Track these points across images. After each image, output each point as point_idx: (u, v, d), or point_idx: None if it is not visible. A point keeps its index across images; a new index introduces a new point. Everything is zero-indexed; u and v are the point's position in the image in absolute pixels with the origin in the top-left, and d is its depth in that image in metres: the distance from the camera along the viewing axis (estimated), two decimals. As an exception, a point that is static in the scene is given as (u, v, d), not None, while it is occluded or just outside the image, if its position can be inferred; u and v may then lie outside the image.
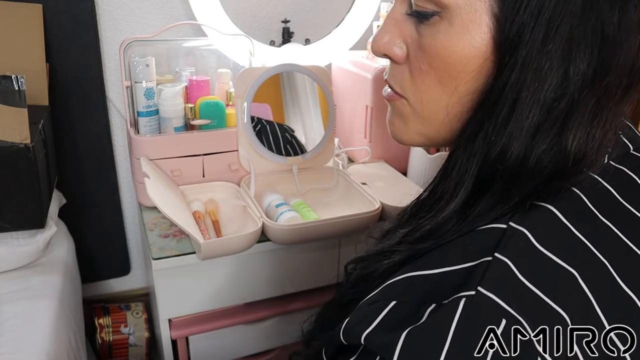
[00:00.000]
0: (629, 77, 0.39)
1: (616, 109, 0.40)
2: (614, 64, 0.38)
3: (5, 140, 0.84)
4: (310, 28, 1.28)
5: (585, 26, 0.37)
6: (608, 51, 0.37)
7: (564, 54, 0.37)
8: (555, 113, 0.38)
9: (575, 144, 0.39)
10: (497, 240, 0.37)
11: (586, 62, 0.37)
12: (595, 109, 0.39)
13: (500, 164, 0.40)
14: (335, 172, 1.12)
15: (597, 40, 0.37)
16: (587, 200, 0.40)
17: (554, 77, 0.38)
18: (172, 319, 0.97)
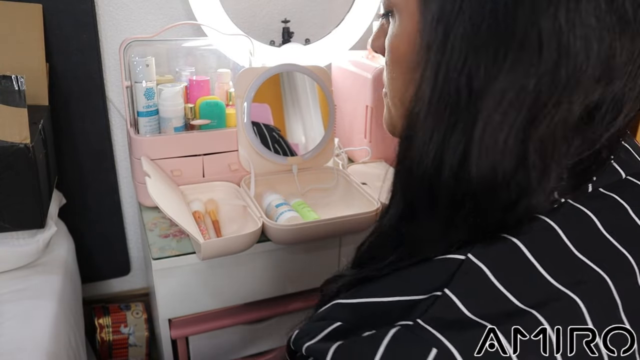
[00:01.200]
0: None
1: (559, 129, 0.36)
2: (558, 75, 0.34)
3: (5, 140, 0.84)
4: (310, 28, 1.28)
5: (507, 30, 0.34)
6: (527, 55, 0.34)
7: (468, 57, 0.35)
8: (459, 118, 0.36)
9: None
10: (451, 274, 0.35)
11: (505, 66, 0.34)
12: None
13: (434, 179, 0.38)
14: (335, 172, 1.12)
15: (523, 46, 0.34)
16: (561, 232, 0.37)
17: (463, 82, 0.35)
18: (172, 319, 0.97)
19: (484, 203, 0.37)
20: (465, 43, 0.35)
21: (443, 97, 0.37)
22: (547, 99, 0.34)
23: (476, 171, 0.36)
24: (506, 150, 0.35)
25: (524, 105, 0.35)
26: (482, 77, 0.35)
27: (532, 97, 0.34)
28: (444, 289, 0.35)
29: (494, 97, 0.35)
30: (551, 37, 0.33)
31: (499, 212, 0.37)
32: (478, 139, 0.35)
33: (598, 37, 0.33)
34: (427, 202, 0.40)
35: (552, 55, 0.34)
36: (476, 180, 0.36)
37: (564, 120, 0.35)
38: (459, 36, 0.35)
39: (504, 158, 0.36)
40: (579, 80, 0.34)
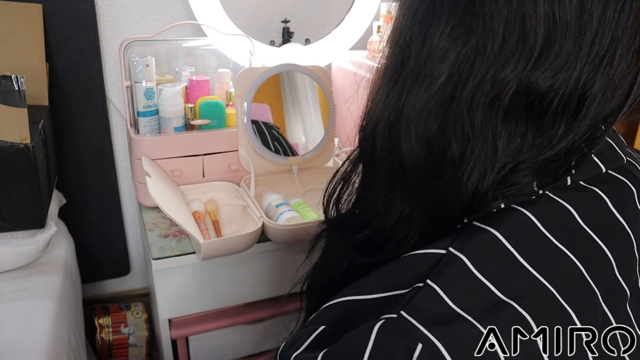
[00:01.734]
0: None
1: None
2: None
3: (5, 140, 0.84)
4: (310, 28, 1.28)
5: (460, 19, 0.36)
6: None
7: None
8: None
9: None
10: (432, 266, 0.36)
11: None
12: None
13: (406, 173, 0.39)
14: (335, 172, 1.12)
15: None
16: (537, 222, 0.38)
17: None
18: (172, 319, 0.97)
19: (413, 174, 0.39)
20: (409, 20, 0.38)
21: (390, 56, 0.41)
22: (470, 70, 0.35)
23: (404, 140, 0.38)
24: (429, 120, 0.37)
25: (450, 78, 0.36)
26: (418, 46, 0.37)
27: (457, 68, 0.36)
28: (425, 280, 0.35)
29: (427, 60, 0.37)
30: (480, 15, 0.34)
31: (430, 189, 0.38)
32: (406, 106, 0.38)
33: (534, 24, 0.34)
34: (369, 163, 0.43)
35: (480, 32, 0.35)
36: (404, 148, 0.38)
37: (488, 97, 0.36)
38: (402, 14, 0.39)
39: (427, 128, 0.37)
40: (507, 59, 0.34)
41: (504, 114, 0.36)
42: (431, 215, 0.40)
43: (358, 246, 0.44)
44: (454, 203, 0.38)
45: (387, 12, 1.21)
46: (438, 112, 0.37)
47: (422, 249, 0.38)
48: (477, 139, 0.36)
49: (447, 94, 0.36)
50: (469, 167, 0.37)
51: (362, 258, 0.43)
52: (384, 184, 0.41)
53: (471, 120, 0.36)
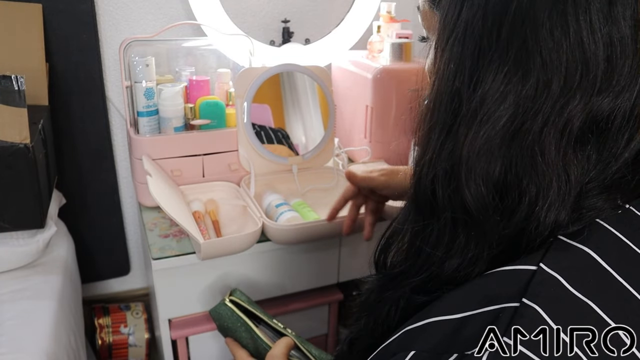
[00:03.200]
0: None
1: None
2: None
3: (5, 140, 0.84)
4: (310, 28, 1.28)
5: (516, 47, 0.36)
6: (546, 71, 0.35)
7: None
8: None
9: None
10: (524, 285, 0.34)
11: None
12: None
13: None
14: (335, 172, 1.12)
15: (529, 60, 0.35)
16: (627, 240, 0.37)
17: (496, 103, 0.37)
18: (172, 319, 0.97)
19: (479, 215, 0.38)
20: (457, 61, 0.38)
21: (436, 106, 0.40)
22: (537, 107, 0.35)
23: (465, 184, 0.37)
24: (492, 161, 0.36)
25: (515, 117, 0.36)
26: (472, 91, 0.37)
27: (523, 106, 0.35)
28: (521, 299, 0.34)
29: (482, 110, 0.36)
30: (540, 52, 0.34)
31: (500, 225, 0.37)
32: (466, 151, 0.37)
33: (590, 50, 0.34)
34: (429, 204, 0.41)
35: (543, 68, 0.34)
36: (466, 191, 0.37)
37: (559, 130, 0.35)
38: (451, 55, 0.38)
39: (490, 170, 0.37)
40: (571, 87, 0.34)
41: (574, 143, 0.36)
42: (500, 253, 0.38)
43: (411, 290, 0.43)
44: (532, 239, 0.37)
45: (387, 12, 1.21)
46: (501, 152, 0.36)
47: (507, 266, 0.36)
48: (552, 172, 0.36)
49: (509, 133, 0.36)
50: (547, 202, 0.36)
51: (417, 297, 0.42)
52: (445, 233, 0.40)
53: (543, 155, 0.36)
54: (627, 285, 0.35)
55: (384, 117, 1.14)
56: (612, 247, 0.36)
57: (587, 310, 0.33)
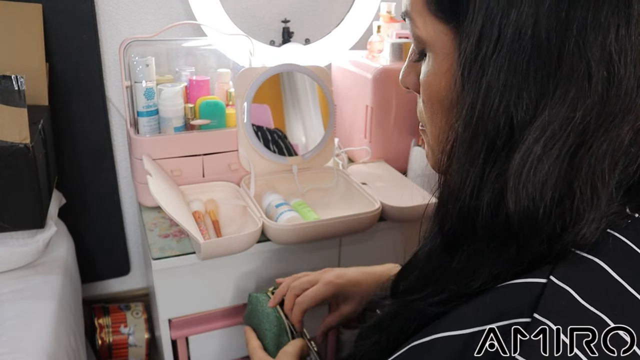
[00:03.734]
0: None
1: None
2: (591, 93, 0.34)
3: (5, 140, 0.84)
4: (310, 28, 1.28)
5: (551, 56, 0.34)
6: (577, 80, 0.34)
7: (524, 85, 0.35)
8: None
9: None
10: (535, 298, 0.34)
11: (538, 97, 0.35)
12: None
13: (494, 215, 0.37)
14: (335, 172, 1.12)
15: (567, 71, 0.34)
16: (635, 246, 0.36)
17: (520, 113, 0.35)
18: (172, 319, 0.97)
19: (525, 237, 0.36)
20: (503, 81, 0.35)
21: (478, 135, 0.37)
22: (595, 128, 0.34)
23: (514, 206, 0.35)
24: (547, 183, 0.35)
25: (569, 137, 0.34)
26: (524, 113, 0.35)
27: (578, 128, 0.34)
28: (532, 315, 0.33)
29: (534, 132, 0.35)
30: (600, 66, 0.33)
31: (542, 244, 0.36)
32: (516, 174, 0.35)
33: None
34: (467, 237, 0.40)
35: (603, 84, 0.33)
36: (515, 215, 0.36)
37: (613, 147, 0.35)
38: (495, 75, 0.35)
39: (544, 192, 0.35)
40: (630, 107, 0.34)
41: (617, 160, 0.35)
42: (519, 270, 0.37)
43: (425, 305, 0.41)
44: (546, 252, 0.36)
45: (387, 12, 1.21)
46: (557, 172, 0.35)
47: (516, 280, 0.35)
48: (604, 193, 0.35)
49: (569, 155, 0.35)
50: (588, 220, 0.35)
51: (431, 308, 0.40)
52: (474, 261, 0.39)
53: (602, 176, 0.35)
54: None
55: (384, 117, 1.14)
56: (624, 257, 0.36)
57: (601, 323, 0.33)
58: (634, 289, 0.34)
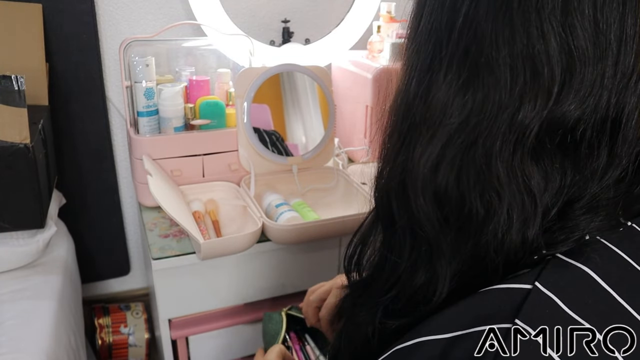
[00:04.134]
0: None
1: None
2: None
3: (5, 140, 0.84)
4: (310, 28, 1.28)
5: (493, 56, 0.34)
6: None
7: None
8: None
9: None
10: (517, 305, 0.33)
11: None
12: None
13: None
14: (335, 172, 1.12)
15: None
16: (628, 258, 0.35)
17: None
18: (172, 319, 0.97)
19: (426, 226, 0.37)
20: (413, 62, 0.37)
21: (394, 114, 0.40)
22: (487, 117, 0.34)
23: (412, 187, 0.37)
24: (442, 167, 0.35)
25: (462, 129, 0.34)
26: (424, 94, 0.36)
27: (465, 116, 0.34)
28: (514, 320, 0.32)
29: (432, 113, 0.36)
30: (492, 57, 0.33)
31: (454, 239, 0.36)
32: (417, 155, 0.36)
33: (545, 58, 0.32)
34: (387, 214, 0.41)
35: (492, 76, 0.33)
36: (414, 199, 0.37)
37: (514, 141, 0.34)
38: (411, 57, 0.38)
39: (438, 178, 0.36)
40: (524, 99, 0.33)
41: (531, 155, 0.34)
42: (468, 272, 0.37)
43: (384, 310, 0.41)
44: (495, 259, 0.36)
45: (387, 12, 1.21)
46: (451, 166, 0.35)
47: (501, 284, 0.35)
48: (504, 188, 0.34)
49: (460, 145, 0.35)
50: (502, 220, 0.34)
51: (390, 321, 0.40)
52: (406, 243, 0.40)
53: (493, 170, 0.34)
54: (628, 307, 0.34)
55: (384, 117, 1.14)
56: (613, 266, 0.35)
57: (588, 333, 0.32)
58: (621, 297, 0.34)
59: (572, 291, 0.34)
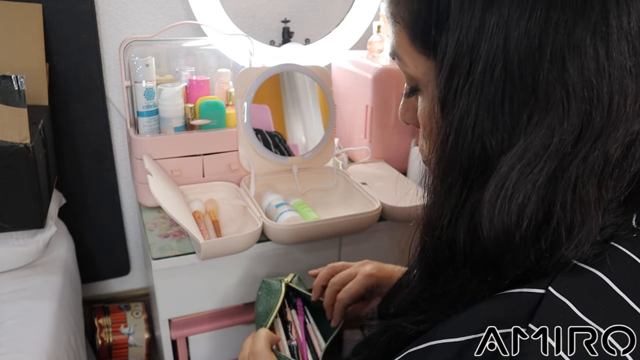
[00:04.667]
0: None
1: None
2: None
3: (5, 140, 0.84)
4: (310, 28, 1.28)
5: (520, 84, 0.33)
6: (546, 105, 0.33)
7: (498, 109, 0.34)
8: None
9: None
10: (531, 309, 0.33)
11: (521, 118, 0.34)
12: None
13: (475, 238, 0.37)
14: (335, 172, 1.12)
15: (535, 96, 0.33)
16: (635, 256, 0.35)
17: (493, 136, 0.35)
18: (172, 319, 0.97)
19: (502, 264, 0.36)
20: (475, 112, 0.35)
21: (452, 167, 0.37)
22: (574, 150, 0.33)
23: (488, 235, 0.35)
24: (524, 211, 0.34)
25: (546, 163, 0.34)
26: (498, 143, 0.35)
27: (556, 153, 0.33)
28: (527, 325, 0.32)
29: (510, 160, 0.34)
30: (578, 89, 0.32)
31: (521, 268, 0.36)
32: (490, 203, 0.35)
33: (635, 74, 0.32)
34: (447, 265, 0.40)
35: (582, 107, 0.32)
36: (490, 243, 0.35)
37: (598, 166, 0.34)
38: (466, 107, 0.35)
39: (520, 219, 0.34)
40: (616, 123, 0.33)
41: (611, 174, 0.35)
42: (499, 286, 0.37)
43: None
44: (555, 266, 0.35)
45: (387, 12, 1.20)
46: (535, 195, 0.34)
47: (514, 289, 0.35)
48: (588, 212, 0.34)
49: (546, 178, 0.34)
50: (576, 241, 0.34)
51: (409, 326, 0.41)
52: (457, 286, 0.39)
53: (581, 195, 0.34)
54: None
55: (384, 117, 1.14)
56: (627, 271, 0.35)
57: (601, 338, 0.32)
58: (635, 303, 0.34)
59: (585, 296, 0.34)
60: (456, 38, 0.35)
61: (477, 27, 0.34)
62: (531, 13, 0.32)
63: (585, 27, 0.32)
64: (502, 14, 0.33)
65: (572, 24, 0.32)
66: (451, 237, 0.38)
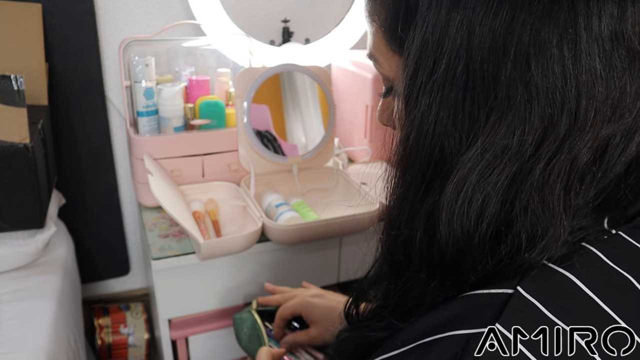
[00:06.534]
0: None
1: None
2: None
3: (5, 140, 0.84)
4: (310, 28, 1.28)
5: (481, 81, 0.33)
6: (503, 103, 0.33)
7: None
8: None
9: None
10: (498, 309, 0.33)
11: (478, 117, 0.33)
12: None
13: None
14: (335, 172, 1.11)
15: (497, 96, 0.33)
16: (612, 264, 0.35)
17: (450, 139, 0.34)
18: (171, 319, 0.96)
19: (461, 267, 0.36)
20: (435, 112, 0.34)
21: (411, 166, 0.37)
22: (536, 152, 0.33)
23: (446, 238, 0.35)
24: (483, 214, 0.34)
25: (506, 165, 0.33)
26: (456, 143, 0.34)
27: (515, 154, 0.33)
28: (494, 324, 0.32)
29: (469, 162, 0.33)
30: (542, 90, 0.31)
31: (479, 272, 0.35)
32: (449, 206, 0.34)
33: (605, 79, 0.32)
34: (403, 264, 0.39)
35: (547, 109, 0.32)
36: (447, 246, 0.35)
37: (565, 169, 0.33)
38: (427, 106, 0.34)
39: (479, 222, 0.34)
40: (583, 127, 0.32)
41: (578, 178, 0.34)
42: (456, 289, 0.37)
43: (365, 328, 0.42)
44: (511, 275, 0.35)
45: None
46: (495, 198, 0.34)
47: (481, 289, 0.35)
48: (551, 216, 0.34)
49: (507, 181, 0.33)
50: (540, 246, 0.34)
51: (373, 334, 0.41)
52: (417, 287, 0.39)
53: (544, 200, 0.33)
54: (612, 313, 0.33)
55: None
56: (597, 272, 0.35)
57: (570, 340, 0.32)
58: (603, 303, 0.33)
59: (554, 296, 0.33)
60: (422, 35, 0.34)
61: (442, 25, 0.33)
62: (497, 12, 0.32)
63: (552, 29, 0.31)
64: (468, 13, 0.32)
65: (538, 25, 0.31)
66: (408, 237, 0.38)
